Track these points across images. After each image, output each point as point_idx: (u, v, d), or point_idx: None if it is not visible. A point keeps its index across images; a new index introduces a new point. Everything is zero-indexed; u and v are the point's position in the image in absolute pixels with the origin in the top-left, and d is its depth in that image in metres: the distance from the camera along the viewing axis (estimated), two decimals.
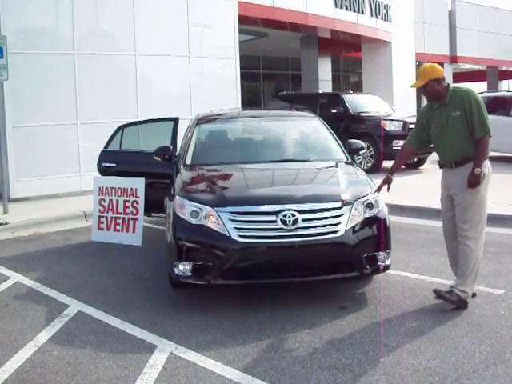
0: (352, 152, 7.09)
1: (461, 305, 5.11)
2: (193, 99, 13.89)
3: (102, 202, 8.34)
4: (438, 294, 5.21)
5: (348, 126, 14.74)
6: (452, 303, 5.11)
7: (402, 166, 6.65)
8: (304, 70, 24.13)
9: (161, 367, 4.20)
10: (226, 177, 6.23)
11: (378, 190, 5.56)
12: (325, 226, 5.18)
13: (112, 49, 12.81)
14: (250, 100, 26.15)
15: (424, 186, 11.39)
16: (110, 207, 8.28)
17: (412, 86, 5.54)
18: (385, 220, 5.48)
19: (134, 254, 7.59)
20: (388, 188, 5.53)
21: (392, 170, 5.61)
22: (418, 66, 25.18)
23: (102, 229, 8.33)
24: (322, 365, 4.16)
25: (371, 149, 14.10)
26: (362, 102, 15.86)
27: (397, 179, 5.69)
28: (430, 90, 5.20)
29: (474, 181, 5.04)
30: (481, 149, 5.07)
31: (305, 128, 7.59)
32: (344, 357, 4.28)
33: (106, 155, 8.72)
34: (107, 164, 8.58)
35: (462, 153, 5.15)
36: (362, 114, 15.08)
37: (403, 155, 5.85)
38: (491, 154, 5.17)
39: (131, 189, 8.11)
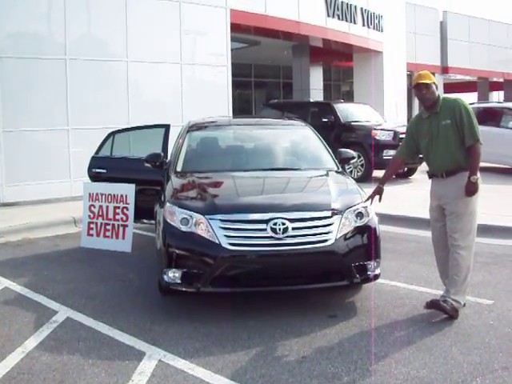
0: (342, 161, 7.08)
1: (454, 314, 5.12)
2: (184, 106, 13.87)
3: (92, 208, 8.32)
4: (434, 303, 5.19)
5: (339, 135, 14.71)
6: (446, 312, 5.11)
7: (393, 176, 6.66)
8: (295, 79, 24.21)
9: (149, 374, 4.18)
10: (217, 184, 6.24)
11: (370, 200, 5.59)
12: (315, 234, 5.19)
13: (104, 55, 12.79)
14: (242, 108, 26.17)
15: (414, 195, 11.44)
16: (100, 213, 8.25)
17: (423, 80, 5.19)
18: (375, 229, 5.49)
19: (123, 260, 7.57)
20: (380, 198, 5.57)
21: (383, 181, 5.64)
22: (410, 76, 25.35)
23: (92, 235, 8.30)
24: (311, 373, 4.16)
25: (362, 158, 14.09)
26: (352, 111, 15.87)
27: (387, 189, 5.70)
28: (432, 92, 5.23)
29: (472, 189, 5.08)
30: (474, 156, 5.11)
31: (296, 136, 7.60)
32: (333, 365, 4.27)
33: (96, 161, 8.70)
34: (98, 170, 8.57)
35: (453, 162, 5.18)
36: (352, 124, 15.08)
37: (394, 166, 5.88)
38: (481, 164, 5.20)
39: (121, 195, 8.09)
